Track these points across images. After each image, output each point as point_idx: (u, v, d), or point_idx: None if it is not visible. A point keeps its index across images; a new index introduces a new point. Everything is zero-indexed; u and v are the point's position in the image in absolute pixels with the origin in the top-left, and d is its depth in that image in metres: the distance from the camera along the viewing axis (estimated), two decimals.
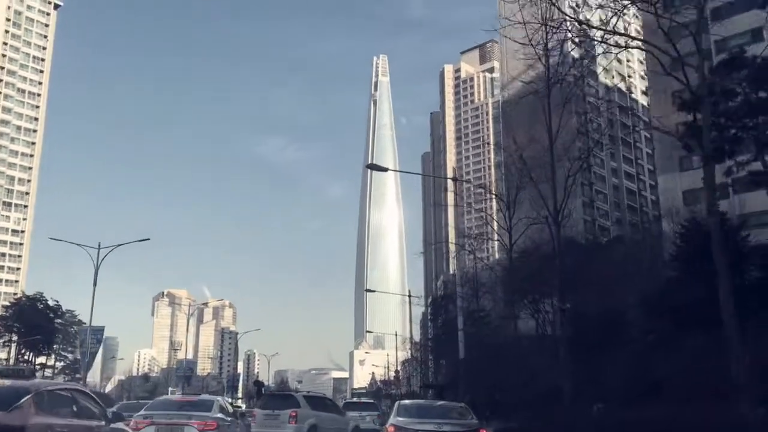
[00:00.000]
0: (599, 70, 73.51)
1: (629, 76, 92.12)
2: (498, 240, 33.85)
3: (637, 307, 31.86)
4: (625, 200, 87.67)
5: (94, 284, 38.52)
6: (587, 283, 37.79)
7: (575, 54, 36.86)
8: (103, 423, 8.53)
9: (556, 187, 23.98)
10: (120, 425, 9.60)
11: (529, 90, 26.98)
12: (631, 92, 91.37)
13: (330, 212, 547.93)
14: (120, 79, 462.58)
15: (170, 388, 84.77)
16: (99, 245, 39.40)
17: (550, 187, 25.32)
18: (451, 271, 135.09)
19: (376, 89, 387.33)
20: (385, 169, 24.32)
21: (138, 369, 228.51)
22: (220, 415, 14.50)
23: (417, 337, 76.67)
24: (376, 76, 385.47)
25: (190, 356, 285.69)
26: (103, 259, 39.05)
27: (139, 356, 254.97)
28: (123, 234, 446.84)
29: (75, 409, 7.93)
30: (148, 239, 44.53)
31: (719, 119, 22.02)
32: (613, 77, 79.30)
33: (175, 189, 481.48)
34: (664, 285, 28.39)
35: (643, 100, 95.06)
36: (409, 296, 44.23)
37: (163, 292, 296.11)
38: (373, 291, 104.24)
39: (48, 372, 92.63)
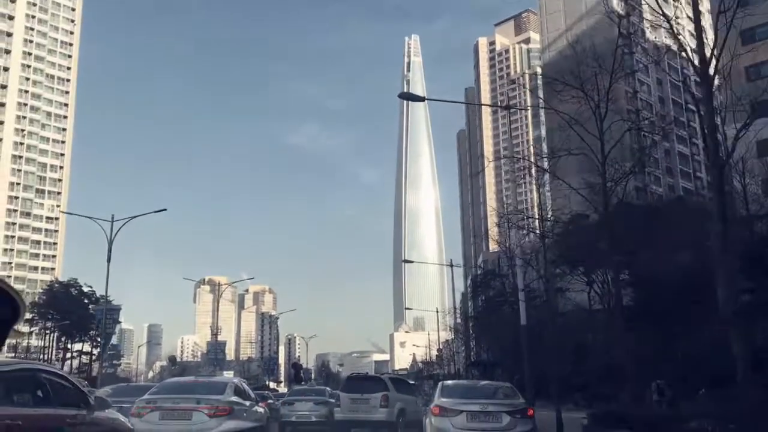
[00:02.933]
0: (646, 26, 67.67)
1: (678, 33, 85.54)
2: (542, 215, 29.58)
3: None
4: (678, 165, 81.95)
5: (108, 259, 35.39)
6: (647, 248, 33.40)
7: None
8: (84, 411, 7.15)
9: (604, 146, 19.25)
10: (108, 413, 8.10)
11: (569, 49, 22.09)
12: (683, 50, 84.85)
13: (366, 197, 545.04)
14: (149, 68, 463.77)
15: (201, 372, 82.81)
16: (113, 218, 36.25)
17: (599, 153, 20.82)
18: (491, 250, 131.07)
19: (408, 70, 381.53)
20: (421, 98, 20.28)
21: (182, 355, 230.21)
22: (234, 398, 12.84)
23: (459, 315, 72.95)
24: (408, 56, 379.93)
25: (232, 342, 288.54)
26: (117, 233, 35.82)
27: (182, 342, 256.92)
28: (157, 225, 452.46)
29: (40, 394, 6.56)
30: (165, 209, 41.77)
31: None
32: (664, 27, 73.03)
33: (210, 179, 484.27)
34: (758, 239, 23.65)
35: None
36: (451, 265, 40.33)
37: (204, 279, 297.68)
38: (411, 261, 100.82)
39: (85, 359, 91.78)
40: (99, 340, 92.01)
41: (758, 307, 18.90)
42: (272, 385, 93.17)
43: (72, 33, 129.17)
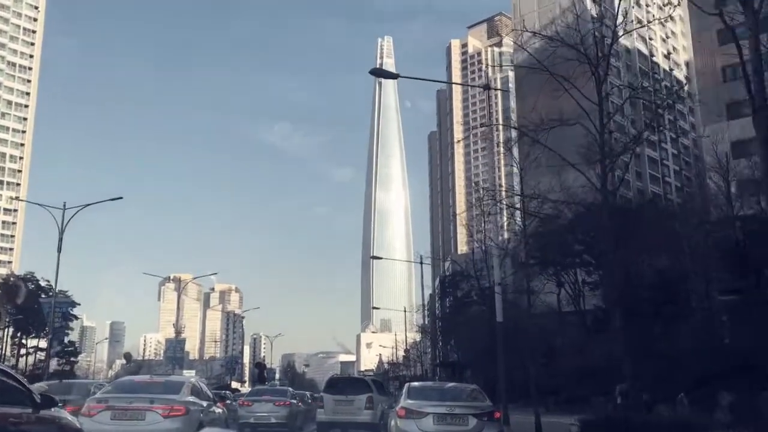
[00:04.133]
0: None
1: (650, 38, 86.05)
2: (514, 210, 27.98)
3: (696, 273, 26.65)
4: (647, 169, 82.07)
5: (59, 249, 33.46)
6: (626, 247, 32.63)
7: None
8: (30, 410, 6.86)
9: (603, 114, 17.79)
10: (55, 411, 7.63)
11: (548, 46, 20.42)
12: (653, 55, 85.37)
13: (336, 196, 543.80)
14: (113, 57, 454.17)
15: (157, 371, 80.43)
16: (64, 205, 34.25)
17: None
18: (459, 252, 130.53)
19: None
20: (395, 76, 18.83)
21: (144, 353, 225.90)
22: (190, 398, 12.46)
23: (427, 314, 71.99)
24: (381, 58, 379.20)
25: (196, 341, 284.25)
26: (68, 222, 33.80)
27: (145, 340, 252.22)
28: (124, 222, 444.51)
29: None
30: (121, 198, 39.77)
31: None
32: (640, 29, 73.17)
33: (178, 175, 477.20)
34: (742, 239, 22.76)
35: (665, 65, 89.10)
36: (421, 262, 39.08)
37: (169, 277, 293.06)
38: (380, 258, 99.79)
39: (41, 355, 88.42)
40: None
41: (747, 306, 17.92)
42: (236, 385, 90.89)
43: (35, 20, 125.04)
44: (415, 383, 16.75)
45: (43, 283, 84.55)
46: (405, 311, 70.04)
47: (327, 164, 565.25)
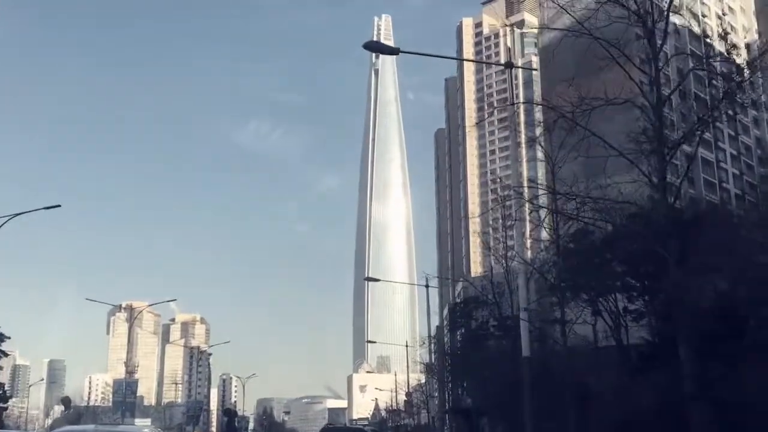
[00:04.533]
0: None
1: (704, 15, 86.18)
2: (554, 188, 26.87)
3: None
4: (701, 173, 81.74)
5: None
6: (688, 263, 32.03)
7: None
8: None
9: (660, 91, 17.09)
10: None
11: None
12: (707, 36, 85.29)
13: (323, 208, 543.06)
14: (59, 48, 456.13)
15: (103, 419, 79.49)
16: None
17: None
18: (472, 273, 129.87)
19: (377, 56, 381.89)
20: (395, 50, 18.23)
21: (88, 397, 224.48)
22: None
23: (434, 349, 71.35)
24: (378, 40, 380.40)
25: (153, 382, 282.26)
26: None
27: (90, 382, 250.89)
28: (63, 236, 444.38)
29: None
30: (59, 206, 39.49)
31: None
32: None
33: (128, 184, 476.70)
34: None
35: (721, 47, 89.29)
36: (426, 285, 38.50)
37: (120, 305, 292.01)
38: (376, 280, 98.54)
39: None
40: None
41: None
42: None
43: None
44: None
45: None
46: (407, 346, 69.32)
47: (312, 170, 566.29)
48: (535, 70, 57.81)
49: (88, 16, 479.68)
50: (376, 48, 18.68)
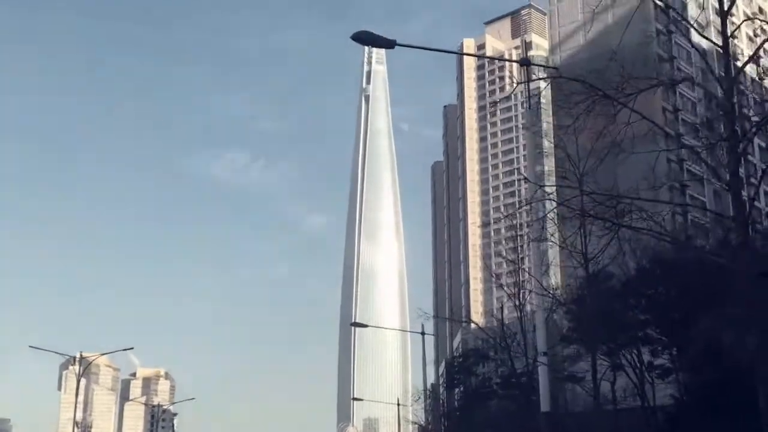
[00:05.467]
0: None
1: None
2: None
3: None
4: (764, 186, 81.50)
5: None
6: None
7: None
8: None
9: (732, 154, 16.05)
10: None
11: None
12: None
13: (305, 250, 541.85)
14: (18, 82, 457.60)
15: None
16: None
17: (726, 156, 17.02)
18: (473, 325, 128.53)
19: (368, 81, 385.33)
20: (390, 43, 17.13)
21: None
22: None
23: (429, 408, 70.21)
24: (369, 64, 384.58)
25: None
26: None
27: None
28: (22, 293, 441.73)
29: None
30: None
31: None
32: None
33: (93, 223, 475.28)
34: None
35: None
36: (422, 333, 37.41)
37: (74, 357, 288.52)
38: (364, 326, 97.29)
39: None
40: None
41: None
42: None
43: None
44: None
45: None
46: (398, 404, 67.80)
47: (294, 208, 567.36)
48: (555, 68, 57.31)
49: (64, 51, 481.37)
50: (367, 40, 17.61)
